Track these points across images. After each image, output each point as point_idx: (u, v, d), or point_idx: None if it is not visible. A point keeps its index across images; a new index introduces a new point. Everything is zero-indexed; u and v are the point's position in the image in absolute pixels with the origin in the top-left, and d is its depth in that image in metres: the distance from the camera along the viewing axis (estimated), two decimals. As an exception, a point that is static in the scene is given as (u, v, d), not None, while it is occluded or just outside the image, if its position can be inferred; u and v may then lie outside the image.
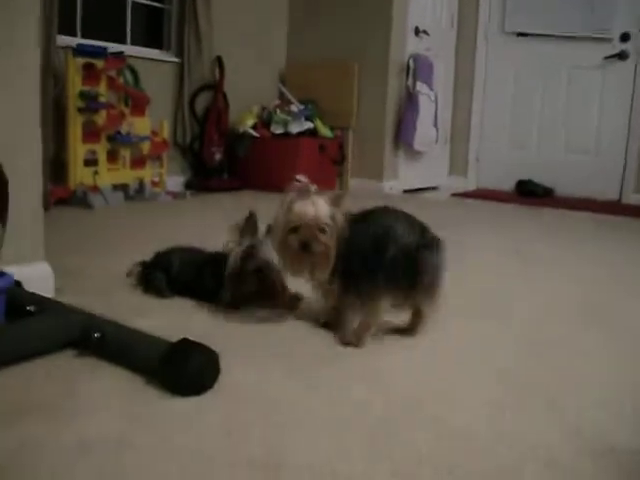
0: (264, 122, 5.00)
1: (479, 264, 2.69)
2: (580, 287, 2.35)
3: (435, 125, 5.40)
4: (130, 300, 1.94)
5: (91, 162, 3.75)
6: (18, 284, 1.67)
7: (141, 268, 2.11)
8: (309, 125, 4.94)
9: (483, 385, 1.43)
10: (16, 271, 1.63)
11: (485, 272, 2.55)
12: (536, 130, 5.48)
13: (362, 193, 4.92)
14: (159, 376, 1.31)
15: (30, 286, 1.72)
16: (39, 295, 1.65)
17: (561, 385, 1.44)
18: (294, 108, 5.00)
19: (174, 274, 2.00)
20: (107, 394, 1.29)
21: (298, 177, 1.64)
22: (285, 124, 4.90)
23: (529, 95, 5.50)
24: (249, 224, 1.90)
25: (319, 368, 1.48)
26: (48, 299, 1.65)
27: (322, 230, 1.55)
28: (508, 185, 5.44)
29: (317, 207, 1.56)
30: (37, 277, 1.83)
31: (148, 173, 4.12)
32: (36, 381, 1.33)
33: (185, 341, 1.34)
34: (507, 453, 1.12)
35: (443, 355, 1.62)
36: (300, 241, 1.54)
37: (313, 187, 1.60)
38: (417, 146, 5.22)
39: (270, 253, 1.89)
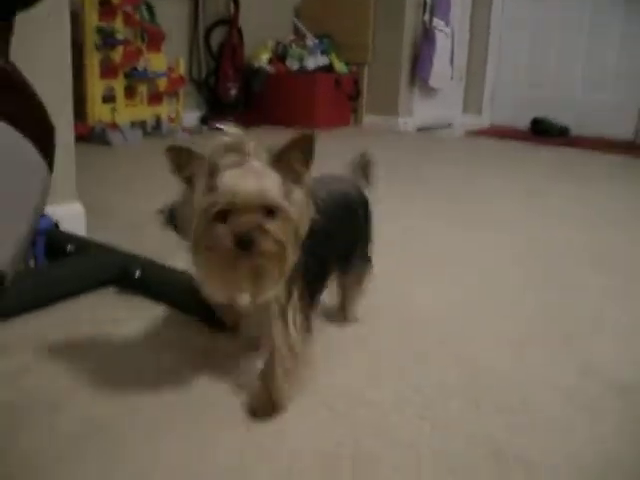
0: (279, 57, 4.97)
1: (488, 209, 2.73)
2: (591, 232, 2.40)
3: (451, 62, 5.35)
4: (161, 239, 2.01)
5: (109, 99, 3.76)
6: (55, 225, 1.74)
7: (170, 208, 2.17)
8: (325, 60, 4.91)
9: (505, 325, 1.51)
10: (50, 211, 1.70)
11: (494, 217, 2.60)
12: (554, 67, 5.41)
13: (376, 129, 4.94)
14: (198, 313, 1.39)
15: (63, 225, 1.79)
16: (77, 235, 1.72)
17: (576, 324, 1.52)
18: (309, 42, 4.96)
19: None
20: (148, 329, 1.37)
21: (222, 125, 0.98)
22: (301, 59, 4.87)
23: (548, 31, 5.41)
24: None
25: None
26: (86, 239, 1.72)
27: (271, 215, 0.94)
28: (523, 123, 5.42)
29: (261, 177, 0.94)
30: (70, 216, 1.89)
31: (165, 109, 4.14)
32: (83, 318, 1.41)
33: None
34: (529, 388, 1.21)
35: (467, 295, 1.69)
36: (234, 235, 0.92)
37: (250, 143, 0.96)
38: (433, 83, 5.19)
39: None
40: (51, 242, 1.62)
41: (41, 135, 1.17)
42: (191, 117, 4.57)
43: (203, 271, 0.99)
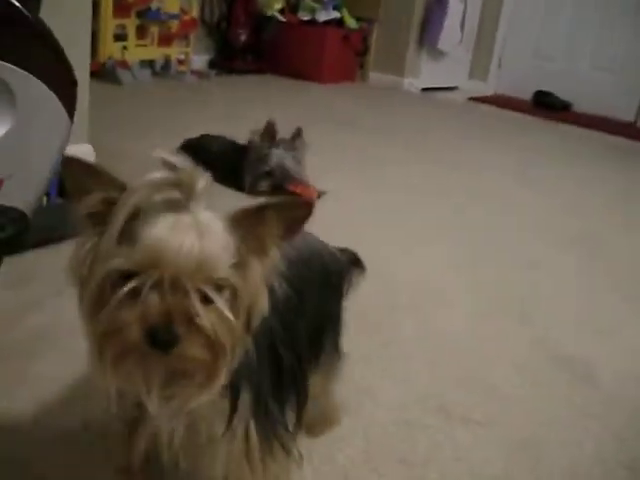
0: (291, 7, 5.00)
1: (480, 187, 2.84)
2: (575, 216, 2.52)
3: (462, 26, 5.37)
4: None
5: (121, 37, 3.82)
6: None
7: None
8: (336, 14, 4.93)
9: (468, 294, 1.65)
10: (63, 151, 1.81)
11: (485, 198, 2.70)
12: (563, 41, 5.43)
13: (381, 88, 5.00)
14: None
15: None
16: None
17: (535, 301, 1.66)
18: (322, -6, 4.98)
19: (211, 160, 2.18)
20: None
21: (165, 155, 0.63)
22: (312, 11, 4.90)
23: (561, 5, 5.42)
24: (268, 131, 2.06)
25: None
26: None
27: (207, 298, 0.61)
28: (527, 94, 5.47)
29: (205, 235, 0.61)
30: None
31: (175, 51, 4.20)
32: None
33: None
34: (483, 356, 1.36)
35: (439, 265, 1.83)
36: (146, 324, 0.59)
37: (202, 182, 0.64)
38: (441, 45, 5.22)
39: (285, 159, 2.05)
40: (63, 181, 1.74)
41: (65, 89, 1.29)
42: (200, 60, 4.62)
43: (94, 356, 0.65)
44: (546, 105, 5.24)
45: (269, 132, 2.08)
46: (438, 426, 1.11)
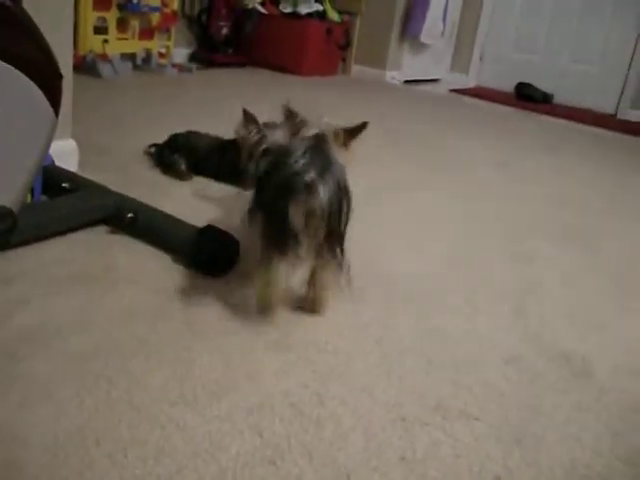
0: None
1: (461, 178, 2.85)
2: (564, 207, 2.54)
3: (444, 18, 5.37)
4: (150, 179, 2.10)
5: (101, 30, 3.77)
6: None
7: (158, 150, 2.25)
8: (318, 7, 4.91)
9: (462, 289, 1.65)
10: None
11: (468, 189, 2.72)
12: (544, 34, 5.46)
13: (363, 80, 4.99)
14: (186, 257, 1.51)
15: (56, 161, 1.86)
16: (72, 173, 1.81)
17: (529, 295, 1.66)
18: (304, -13, 4.95)
19: (199, 156, 2.15)
20: (141, 269, 1.49)
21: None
22: (294, 4, 4.86)
23: (541, -3, 5.44)
24: (248, 119, 2.03)
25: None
26: (80, 177, 1.81)
27: None
28: (508, 86, 5.50)
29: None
30: (63, 153, 1.96)
31: (156, 44, 4.15)
32: (77, 254, 1.52)
33: (209, 227, 1.52)
34: (477, 351, 1.36)
35: (429, 259, 1.82)
36: None
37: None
38: (424, 38, 5.22)
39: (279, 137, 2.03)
40: (48, 179, 1.70)
41: (50, 83, 1.26)
42: (181, 54, 4.58)
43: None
44: (528, 97, 5.28)
45: (250, 120, 2.05)
46: (436, 423, 1.10)
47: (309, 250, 1.25)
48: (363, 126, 1.37)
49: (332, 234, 1.25)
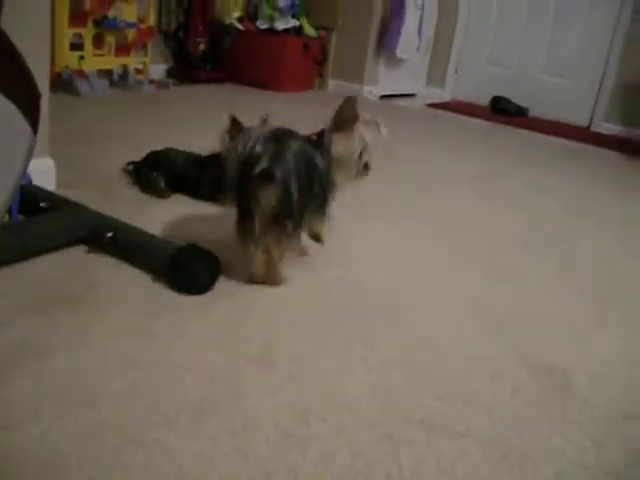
0: (250, 15, 4.98)
1: (435, 192, 2.86)
2: (537, 220, 2.56)
3: (419, 33, 5.42)
4: (129, 197, 2.09)
5: (77, 46, 3.75)
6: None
7: (136, 167, 2.24)
8: (295, 23, 4.93)
9: (445, 304, 1.65)
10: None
11: (441, 202, 2.73)
12: (518, 47, 5.53)
13: (340, 95, 5.00)
14: (167, 276, 1.50)
15: (34, 180, 1.84)
16: (50, 192, 1.79)
17: (510, 309, 1.67)
18: (281, 3, 4.97)
19: (178, 173, 2.14)
20: (123, 288, 1.47)
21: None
22: (271, 20, 4.88)
23: (515, 11, 5.51)
24: (234, 126, 2.01)
25: (294, 269, 1.68)
26: (58, 196, 1.79)
27: None
28: (484, 100, 5.56)
29: None
30: (41, 171, 1.94)
31: (132, 60, 4.14)
32: (58, 274, 1.50)
33: (190, 246, 1.51)
34: (462, 365, 1.36)
35: (407, 277, 1.83)
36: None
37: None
38: (400, 53, 5.26)
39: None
40: (26, 198, 1.69)
41: (28, 102, 1.24)
42: (158, 70, 4.57)
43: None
44: (503, 110, 5.33)
45: (236, 128, 2.03)
46: (421, 439, 1.10)
47: (262, 230, 1.45)
48: (348, 103, 1.58)
49: (285, 214, 1.44)
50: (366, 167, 1.66)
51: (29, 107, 1.24)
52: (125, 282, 1.51)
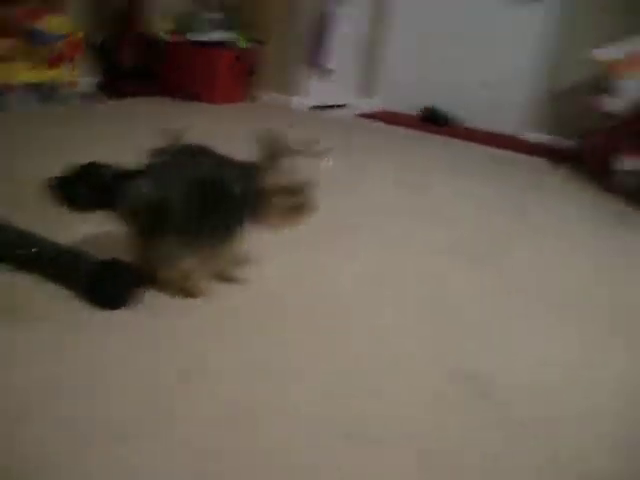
0: (181, 27, 5.00)
1: (363, 201, 2.93)
2: (467, 228, 2.64)
3: (349, 44, 5.53)
4: (53, 213, 2.08)
5: (3, 59, 3.70)
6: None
7: (61, 182, 2.23)
8: (226, 35, 4.98)
9: (371, 311, 1.72)
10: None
11: (370, 209, 2.79)
12: (447, 57, 5.68)
13: (271, 106, 5.07)
14: (85, 291, 1.54)
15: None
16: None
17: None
18: (211, 16, 5.01)
19: (103, 188, 2.14)
20: (49, 305, 1.51)
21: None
22: (202, 32, 4.92)
23: (444, 20, 5.66)
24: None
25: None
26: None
27: None
28: (414, 109, 5.70)
29: None
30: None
31: (61, 74, 4.10)
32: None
33: (111, 261, 1.55)
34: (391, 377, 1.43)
35: (340, 283, 1.89)
36: None
37: None
38: (329, 64, 5.36)
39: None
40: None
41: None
42: (88, 83, 4.54)
43: None
44: (433, 120, 5.47)
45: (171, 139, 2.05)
46: (347, 452, 1.14)
47: (138, 247, 1.57)
48: (271, 138, 1.69)
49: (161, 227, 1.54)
50: (301, 208, 1.62)
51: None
52: (51, 298, 1.53)
